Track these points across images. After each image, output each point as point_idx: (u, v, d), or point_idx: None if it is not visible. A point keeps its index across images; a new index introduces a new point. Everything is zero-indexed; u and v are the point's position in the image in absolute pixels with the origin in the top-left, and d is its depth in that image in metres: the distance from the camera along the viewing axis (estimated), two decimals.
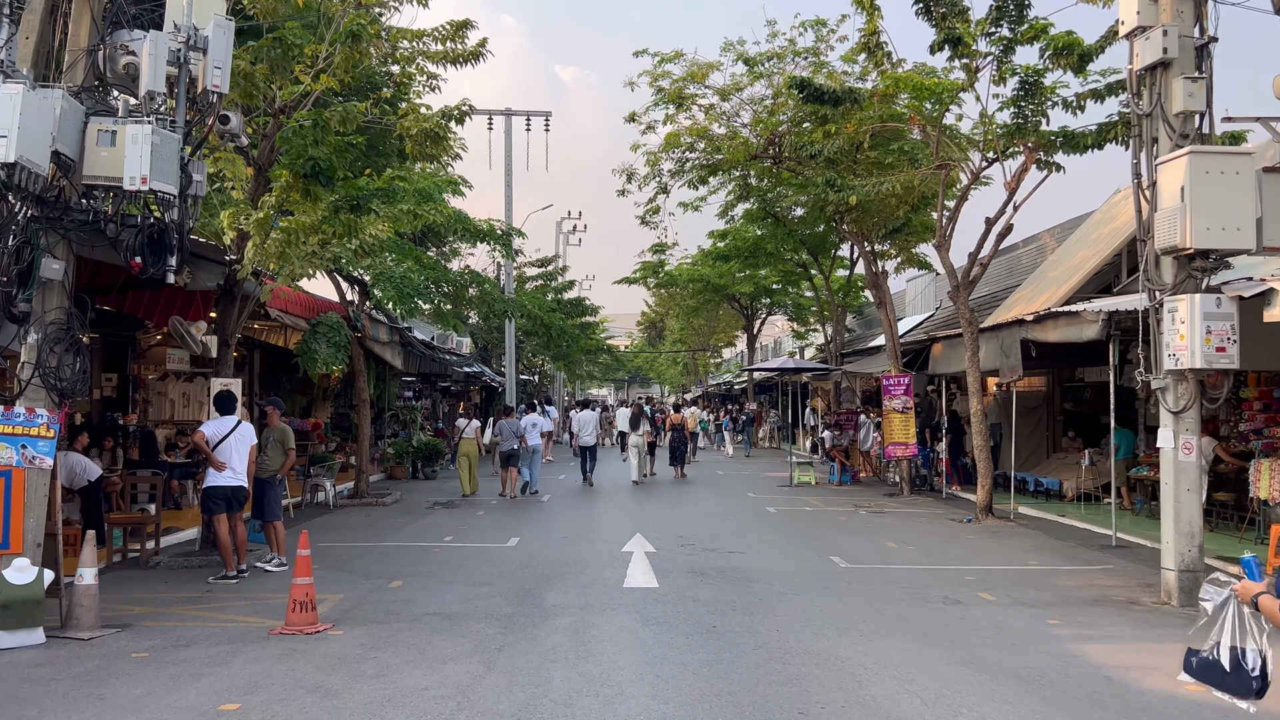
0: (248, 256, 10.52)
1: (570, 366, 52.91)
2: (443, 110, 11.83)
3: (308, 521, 15.04)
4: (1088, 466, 18.18)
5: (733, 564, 11.28)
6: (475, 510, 16.72)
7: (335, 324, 15.45)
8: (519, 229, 18.60)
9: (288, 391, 24.39)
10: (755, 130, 19.16)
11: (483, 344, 38.52)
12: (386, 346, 19.70)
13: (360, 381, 18.04)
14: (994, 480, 19.79)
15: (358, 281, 17.70)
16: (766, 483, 22.34)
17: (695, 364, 63.14)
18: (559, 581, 10.17)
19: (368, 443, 18.23)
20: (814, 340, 40.46)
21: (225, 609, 8.85)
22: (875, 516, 16.08)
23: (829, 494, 19.83)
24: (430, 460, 23.74)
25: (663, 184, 20.78)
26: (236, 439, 10.17)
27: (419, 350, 23.37)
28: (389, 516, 15.79)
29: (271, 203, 10.15)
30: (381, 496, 17.79)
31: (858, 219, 18.88)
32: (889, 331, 19.65)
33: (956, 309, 16.02)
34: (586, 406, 25.05)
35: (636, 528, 14.22)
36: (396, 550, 12.24)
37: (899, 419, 19.49)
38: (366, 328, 17.63)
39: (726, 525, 14.83)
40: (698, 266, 36.68)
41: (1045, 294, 17.57)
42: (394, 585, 9.96)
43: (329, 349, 15.08)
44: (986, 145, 15.30)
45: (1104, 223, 18.79)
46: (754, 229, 26.94)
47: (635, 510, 16.74)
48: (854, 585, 10.09)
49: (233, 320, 11.41)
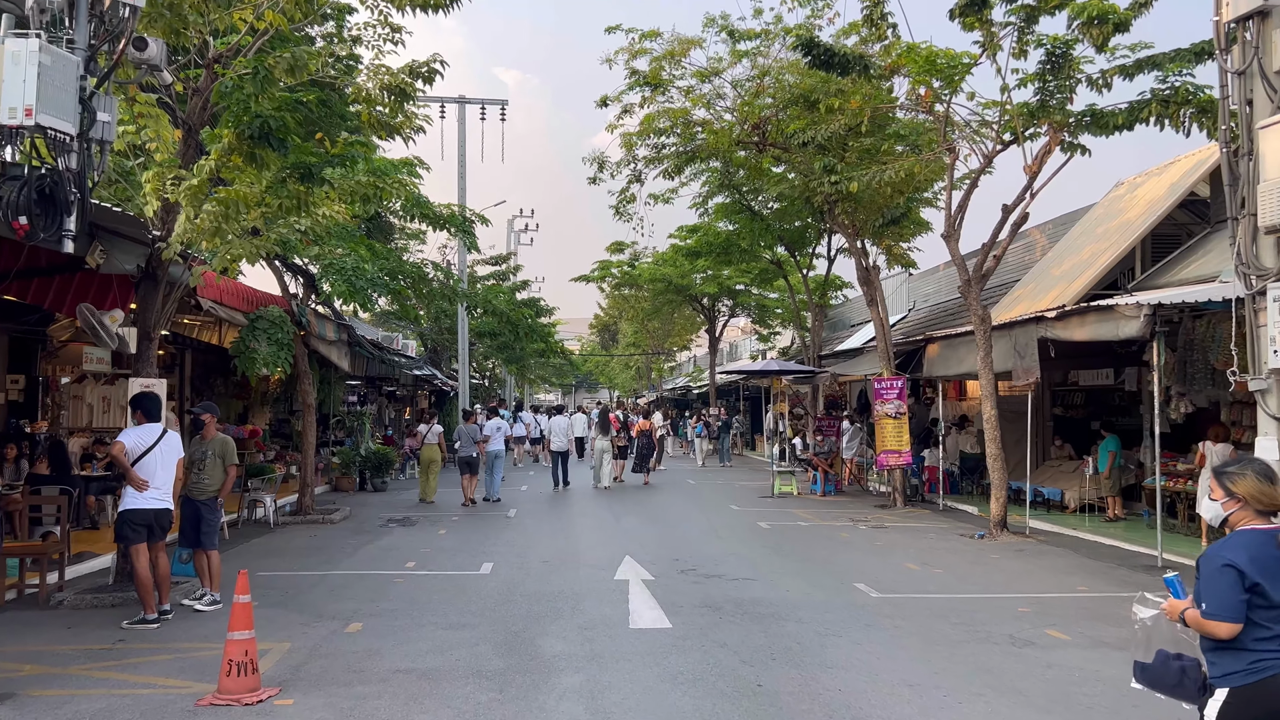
0: (176, 232, 8.72)
1: (522, 370, 51.10)
2: (409, 66, 10.10)
3: (246, 543, 13.16)
4: (1091, 475, 16.96)
5: (748, 594, 9.71)
6: (436, 528, 14.95)
7: (278, 319, 13.60)
8: (482, 215, 16.87)
9: (222, 395, 22.35)
10: (739, 114, 17.66)
11: (432, 346, 36.57)
12: (333, 346, 17.83)
13: (305, 384, 16.17)
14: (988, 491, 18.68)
15: (303, 273, 15.84)
16: (745, 493, 20.84)
17: (649, 368, 61.60)
18: (552, 622, 8.51)
19: (313, 452, 16.34)
20: (776, 343, 39.19)
21: (140, 667, 7.05)
22: (878, 532, 14.65)
23: (816, 506, 18.39)
24: (380, 470, 21.85)
25: (637, 172, 19.20)
26: (162, 452, 8.36)
27: (367, 351, 21.48)
28: (339, 537, 13.97)
29: (208, 168, 8.35)
30: (329, 513, 15.93)
31: (851, 210, 17.48)
32: (881, 330, 18.28)
33: (967, 304, 14.67)
34: (559, 413, 24.56)
35: (623, 549, 12.60)
36: (352, 581, 10.46)
37: (892, 425, 18.13)
38: (312, 324, 15.77)
39: (721, 544, 13.27)
40: (660, 266, 35.17)
41: (1053, 291, 16.32)
42: (353, 629, 8.22)
43: (270, 347, 13.23)
44: (1004, 126, 13.97)
45: (1109, 216, 17.63)
46: (727, 224, 25.44)
47: (615, 527, 15.11)
48: (898, 621, 8.59)
49: (156, 309, 9.56)
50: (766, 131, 17.81)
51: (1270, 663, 3.40)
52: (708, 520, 16.07)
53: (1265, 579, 3.42)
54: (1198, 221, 17.18)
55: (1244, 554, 3.46)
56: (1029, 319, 14.25)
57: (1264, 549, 3.48)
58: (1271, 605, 3.41)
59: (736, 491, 21.37)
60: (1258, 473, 3.63)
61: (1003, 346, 14.73)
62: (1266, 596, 3.42)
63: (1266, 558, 3.46)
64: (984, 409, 14.69)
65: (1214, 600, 3.48)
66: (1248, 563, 3.44)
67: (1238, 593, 3.42)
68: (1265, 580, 3.42)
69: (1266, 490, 3.58)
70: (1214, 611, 3.47)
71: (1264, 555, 3.46)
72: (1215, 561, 3.52)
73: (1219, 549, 3.56)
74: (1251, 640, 3.43)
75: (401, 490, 21.72)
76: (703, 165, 21.70)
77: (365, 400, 30.51)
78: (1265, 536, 3.52)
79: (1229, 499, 3.67)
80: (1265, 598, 3.42)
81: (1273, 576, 3.43)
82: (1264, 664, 3.40)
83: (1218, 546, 3.59)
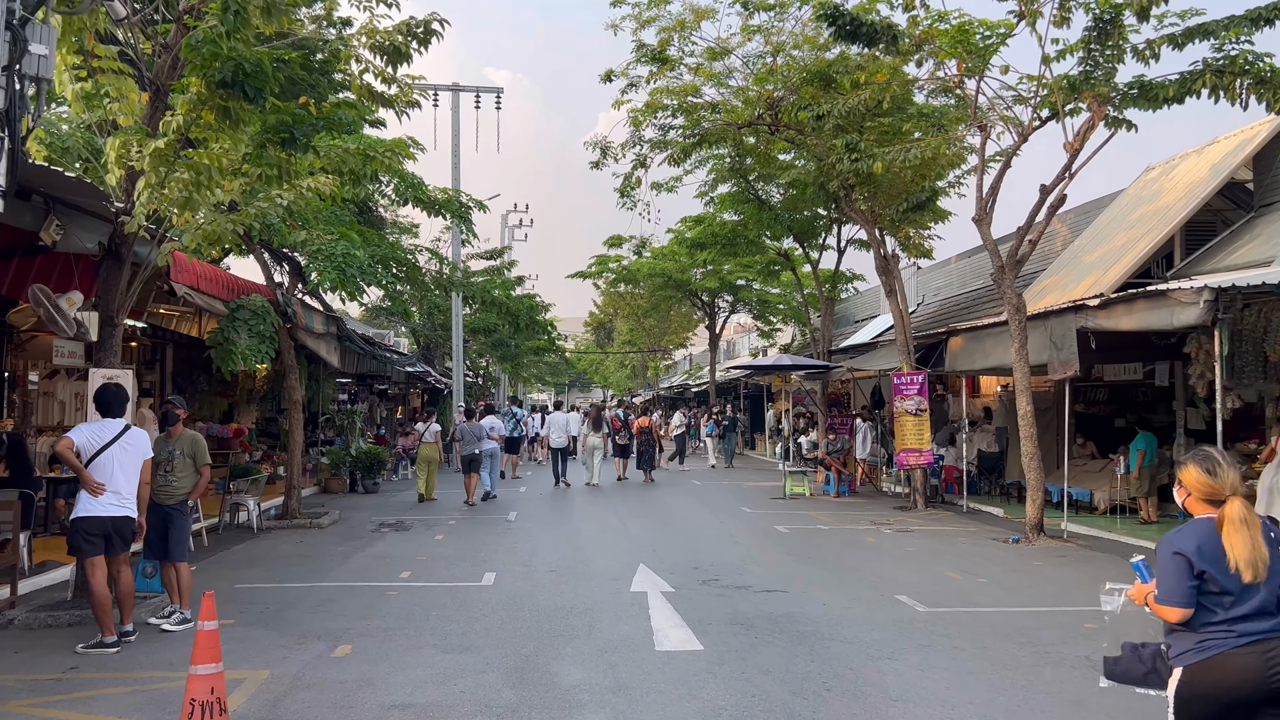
0: (139, 200, 7.70)
1: (516, 368, 50.10)
2: (405, 24, 9.10)
3: (227, 550, 12.14)
4: (1122, 475, 16.03)
5: (781, 609, 8.74)
6: (432, 533, 13.94)
7: (260, 309, 12.58)
8: (480, 201, 15.85)
9: (206, 393, 21.31)
10: (754, 87, 16.67)
11: (425, 343, 35.53)
12: (321, 340, 16.79)
13: (291, 380, 15.13)
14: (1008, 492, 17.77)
15: (289, 260, 14.83)
16: (754, 494, 19.87)
17: (645, 366, 60.62)
18: (567, 643, 7.52)
19: (300, 452, 15.31)
20: (777, 340, 38.24)
21: (92, 703, 6.04)
22: (905, 537, 13.70)
23: (832, 508, 17.43)
24: (371, 471, 20.80)
25: (642, 156, 18.19)
26: (122, 450, 7.33)
27: (358, 346, 20.43)
28: (328, 542, 12.95)
29: (175, 125, 7.33)
30: (317, 516, 14.91)
31: (871, 194, 16.51)
32: (900, 323, 17.32)
33: (1000, 291, 13.71)
34: (560, 409, 23.99)
35: (635, 556, 11.62)
36: (341, 594, 9.44)
37: (912, 422, 17.19)
38: (299, 316, 14.73)
39: (741, 551, 12.29)
40: (660, 260, 34.18)
41: (1087, 280, 15.40)
42: (341, 652, 7.22)
43: (251, 339, 12.22)
44: (1042, 101, 13.02)
45: (1142, 201, 16.72)
46: (732, 215, 24.44)
47: (624, 532, 14.12)
48: (957, 642, 7.62)
49: (120, 292, 8.53)
50: (780, 112, 16.83)
51: (1216, 642, 3.53)
52: (721, 524, 15.09)
53: (1212, 565, 3.53)
54: (1234, 208, 16.28)
55: (1193, 542, 3.58)
56: (1067, 308, 13.31)
57: (1209, 536, 3.59)
58: (1219, 591, 3.54)
59: (745, 493, 20.40)
60: (1199, 464, 3.73)
61: (1037, 338, 13.79)
62: (1215, 581, 3.54)
63: (1210, 545, 3.57)
64: (1019, 405, 13.74)
65: (1164, 586, 3.63)
66: (1195, 551, 3.56)
67: (1185, 579, 3.55)
68: (1212, 566, 3.53)
69: (1206, 481, 3.69)
70: (1163, 597, 3.62)
71: (1208, 543, 3.57)
72: (1167, 549, 3.64)
73: (1172, 537, 3.67)
74: (1201, 622, 3.56)
75: (394, 492, 20.70)
76: (709, 152, 20.73)
77: (356, 398, 29.47)
78: (1210, 524, 3.63)
79: (1180, 488, 3.81)
80: (1213, 583, 3.54)
81: (1217, 563, 3.54)
82: (1211, 643, 3.54)
83: (1172, 534, 3.69)
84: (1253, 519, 3.58)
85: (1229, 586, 3.54)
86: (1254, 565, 3.51)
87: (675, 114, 17.37)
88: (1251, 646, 3.50)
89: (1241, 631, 3.52)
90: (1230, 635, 3.53)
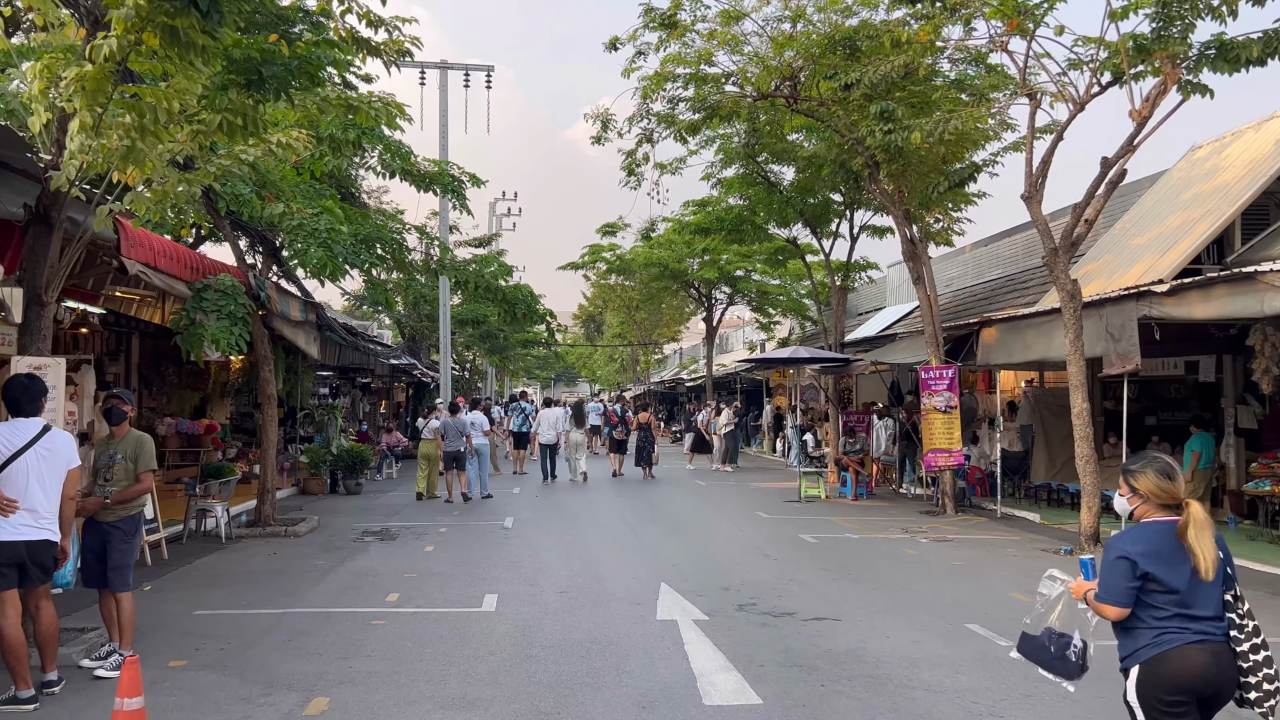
0: (70, 148, 6.26)
1: (505, 361, 48.67)
2: None
3: (189, 565, 10.69)
4: None
5: (840, 643, 7.38)
6: (421, 542, 12.52)
7: (229, 289, 11.11)
8: (474, 175, 14.40)
9: (175, 386, 19.83)
10: (772, 57, 15.27)
11: (410, 334, 34.03)
12: (299, 329, 15.31)
13: (265, 371, 13.68)
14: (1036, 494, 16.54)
15: (262, 239, 13.37)
16: (766, 497, 18.52)
17: (636, 360, 59.27)
18: (593, 693, 6.14)
19: (275, 451, 13.85)
20: (776, 333, 36.91)
21: None
22: (946, 548, 12.38)
23: (854, 512, 16.10)
24: (354, 470, 19.33)
25: (647, 131, 16.76)
26: (39, 458, 5.86)
27: (339, 336, 18.95)
28: (304, 555, 11.51)
29: (109, 50, 5.86)
30: (293, 523, 13.46)
31: (900, 171, 15.15)
32: (929, 313, 15.98)
33: (1053, 277, 12.38)
34: (550, 404, 23.04)
35: (654, 572, 10.26)
36: (317, 623, 8.02)
37: (940, 420, 15.88)
38: (274, 301, 13.25)
39: (772, 566, 10.93)
40: (655, 249, 32.76)
41: (1138, 265, 14.10)
42: (316, 709, 5.81)
43: (221, 322, 10.76)
44: (1103, 64, 11.69)
45: (1193, 181, 15.43)
46: (738, 199, 23.02)
47: (634, 542, 12.74)
48: (1061, 688, 6.25)
49: (50, 265, 7.06)
50: (799, 83, 15.44)
51: (1171, 637, 3.66)
52: (740, 531, 13.73)
53: (1160, 567, 3.66)
54: None
55: (1140, 546, 3.70)
56: (1127, 295, 11.99)
57: (1162, 539, 3.70)
58: (1169, 590, 3.66)
59: (756, 495, 19.05)
60: (1157, 470, 3.78)
61: (1090, 328, 12.48)
62: (1162, 582, 3.67)
63: (1164, 547, 3.69)
64: (1074, 402, 12.43)
65: (1104, 585, 3.77)
66: (1141, 554, 3.68)
67: (1126, 581, 3.69)
68: (1160, 568, 3.66)
69: (1165, 486, 3.76)
70: (1103, 596, 3.77)
71: (1162, 545, 3.69)
72: (1113, 552, 3.76)
73: (1118, 540, 3.80)
74: (1152, 620, 3.69)
75: (378, 493, 19.25)
76: (718, 131, 19.35)
77: (337, 392, 27.98)
78: (1166, 527, 3.73)
79: (1132, 495, 3.86)
80: (1161, 583, 3.67)
81: (1168, 564, 3.66)
82: (1165, 638, 3.66)
83: (1118, 538, 3.81)
84: (1210, 521, 3.71)
85: (1176, 586, 3.64)
86: (1214, 565, 3.63)
87: (687, 84, 15.95)
88: (1203, 645, 3.63)
89: (1196, 630, 3.63)
90: (1186, 631, 3.63)
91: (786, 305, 33.40)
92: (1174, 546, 3.66)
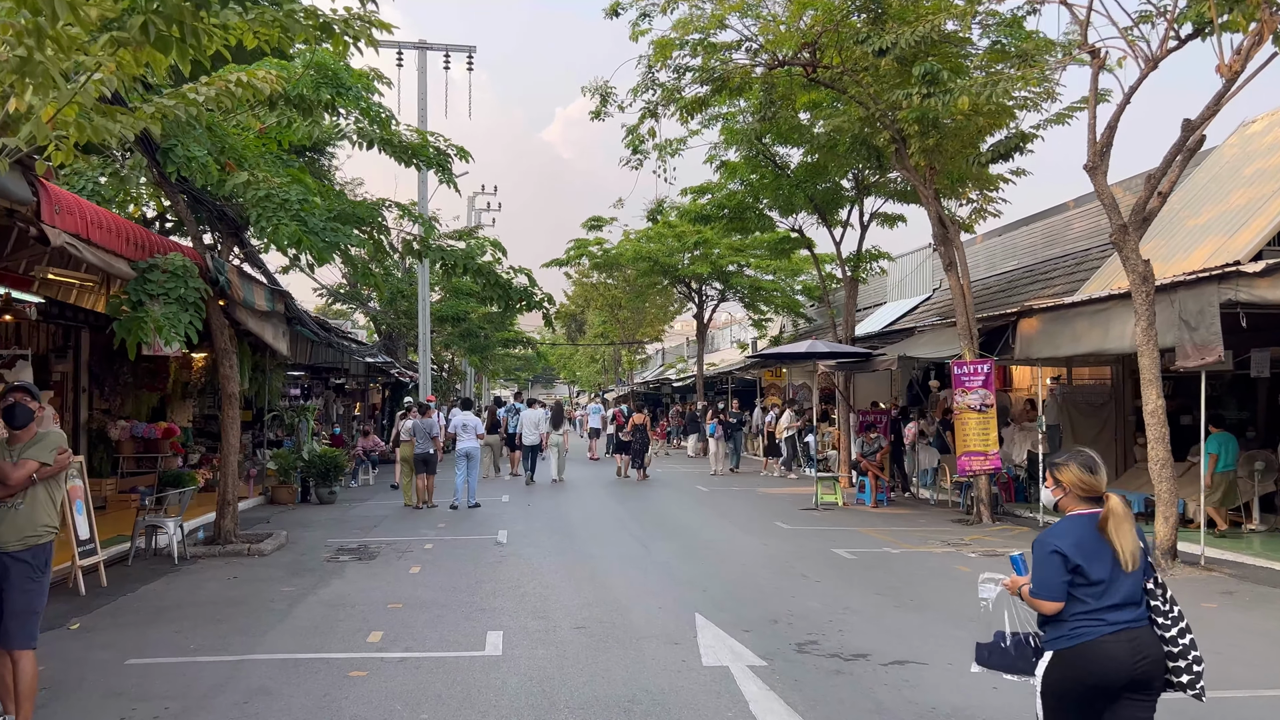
0: None
1: (484, 360, 46.99)
2: None
3: (131, 593, 9.04)
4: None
5: (943, 698, 5.90)
6: (405, 562, 10.92)
7: (180, 270, 9.47)
8: (463, 148, 12.82)
9: (130, 386, 18.03)
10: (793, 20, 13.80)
11: (387, 332, 32.33)
12: (266, 321, 13.66)
13: (225, 366, 12.03)
14: None
15: (221, 215, 11.72)
16: (777, 504, 17.03)
17: (617, 360, 57.68)
18: None
19: (236, 457, 12.18)
20: (768, 330, 35.47)
21: None
22: (1000, 565, 10.90)
23: (879, 522, 14.65)
24: (327, 477, 17.65)
25: (651, 104, 15.22)
26: None
27: (311, 332, 17.30)
28: (269, 579, 9.88)
29: None
30: (257, 539, 11.83)
31: (936, 145, 13.71)
32: (962, 302, 14.55)
33: (1123, 257, 10.95)
34: (533, 405, 22.66)
35: (681, 599, 8.73)
36: (280, 676, 6.41)
37: (975, 420, 14.44)
38: (235, 287, 11.59)
39: (814, 588, 9.42)
40: (644, 243, 31.22)
41: (1203, 247, 12.77)
42: None
43: (169, 307, 9.13)
44: (1184, 14, 10.29)
45: (1254, 157, 14.13)
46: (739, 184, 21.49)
47: (648, 559, 11.19)
48: None
49: None
50: (819, 49, 13.97)
51: (1087, 630, 3.71)
52: (763, 546, 12.22)
53: (1085, 560, 3.72)
54: None
55: (1069, 539, 3.77)
56: (1206, 277, 10.61)
57: (1086, 532, 3.78)
58: (1091, 582, 3.73)
59: (766, 502, 17.55)
60: (1080, 463, 3.88)
61: (1163, 316, 11.09)
62: (1086, 575, 3.73)
63: (1087, 540, 3.76)
64: (1147, 398, 11.00)
65: (1038, 581, 3.81)
66: (1071, 547, 3.74)
67: (1060, 575, 3.74)
68: (1085, 561, 3.72)
69: (1087, 479, 3.85)
70: (1038, 591, 3.80)
71: (1086, 538, 3.76)
72: (1045, 547, 3.80)
73: (1049, 535, 3.84)
74: (1072, 613, 3.74)
75: (354, 502, 17.60)
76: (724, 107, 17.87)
77: (309, 393, 26.26)
78: (1088, 520, 3.81)
79: (1056, 487, 3.95)
80: (1085, 576, 3.73)
81: (1092, 557, 3.73)
82: (1081, 631, 3.72)
83: (1048, 533, 3.85)
84: (1130, 512, 3.79)
85: (1099, 577, 3.73)
86: (1135, 556, 3.73)
87: (696, 50, 14.44)
88: (1120, 634, 3.69)
89: (1112, 620, 3.70)
90: (1101, 624, 3.70)
91: (781, 302, 31.95)
92: (1096, 539, 3.75)
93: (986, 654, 4.29)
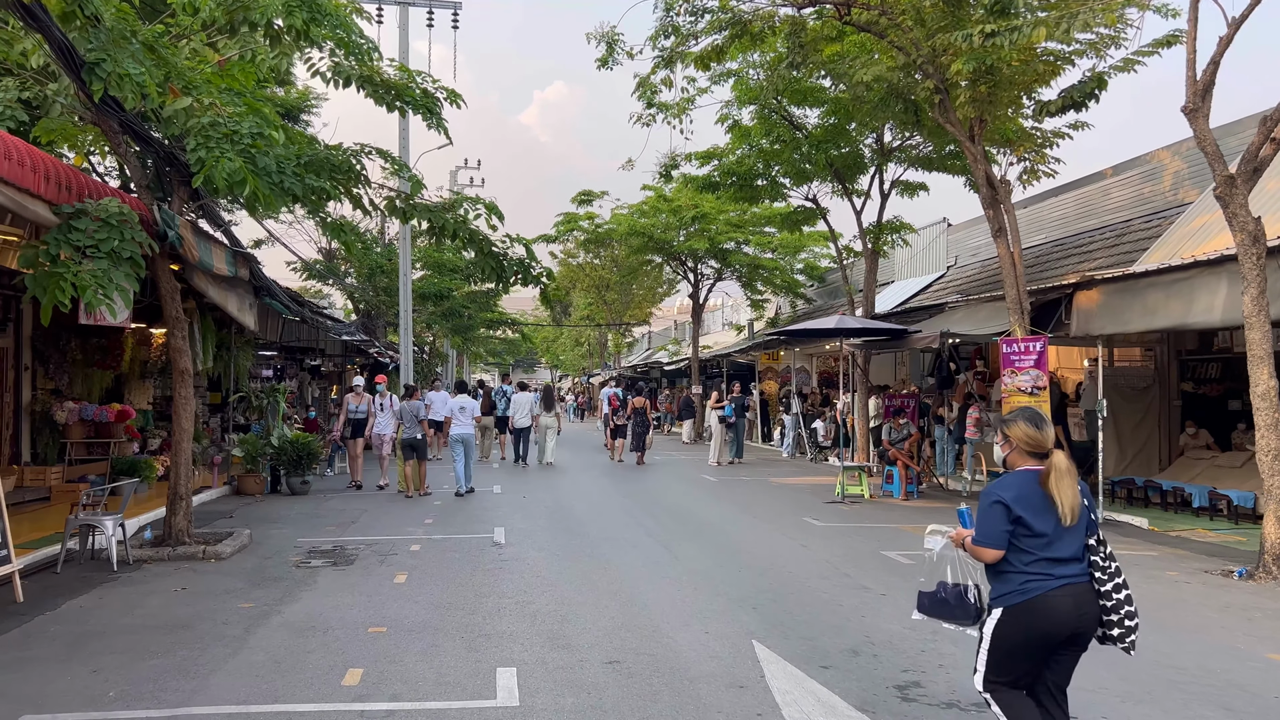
0: None
1: (467, 342, 45.23)
2: None
3: (52, 611, 7.32)
4: None
5: None
6: (388, 568, 9.26)
7: (115, 218, 7.75)
8: (454, 92, 11.11)
9: (81, 364, 16.22)
10: None
11: (366, 310, 30.53)
12: (230, 291, 11.95)
13: (176, 338, 10.28)
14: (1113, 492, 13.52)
15: (171, 157, 9.98)
16: (798, 496, 15.47)
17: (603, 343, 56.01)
18: None
19: (189, 444, 10.44)
20: (765, 312, 33.93)
21: None
22: None
23: (916, 516, 13.12)
24: (300, 466, 15.92)
25: (666, 52, 13.54)
26: None
27: (282, 304, 15.57)
28: (224, 591, 8.20)
29: None
30: (215, 539, 10.14)
31: (987, 95, 12.12)
32: (1012, 273, 12.99)
33: (1230, 213, 9.40)
34: (524, 389, 22.54)
35: (726, 618, 7.14)
36: None
37: (1026, 404, 12.88)
38: (189, 245, 9.85)
39: (883, 604, 7.84)
40: (640, 217, 29.54)
41: None
42: None
43: (98, 262, 7.41)
44: None
45: None
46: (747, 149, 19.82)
47: (674, 565, 9.57)
48: None
49: None
50: None
51: (1037, 584, 3.83)
52: (801, 547, 10.63)
53: (1028, 512, 3.85)
54: None
55: (1012, 492, 3.89)
56: None
57: (1029, 486, 3.89)
58: (1035, 534, 3.84)
59: (784, 493, 15.99)
60: (1027, 419, 4.00)
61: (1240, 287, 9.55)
62: (1029, 527, 3.85)
63: (1031, 494, 3.87)
64: (1257, 378, 9.47)
65: (981, 529, 3.94)
66: (1014, 499, 3.87)
67: (1001, 524, 3.87)
68: (1028, 513, 3.84)
69: (1033, 435, 3.96)
70: (979, 539, 3.94)
71: (1029, 492, 3.88)
72: (989, 498, 3.94)
73: (994, 487, 3.97)
74: (1020, 565, 3.86)
75: (329, 492, 15.90)
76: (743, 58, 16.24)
77: (282, 374, 24.44)
78: (1032, 475, 3.92)
79: (1005, 442, 4.08)
80: (1029, 528, 3.85)
81: (1035, 510, 3.85)
82: (1031, 584, 3.83)
83: (993, 485, 3.99)
84: (1073, 469, 3.91)
85: (1042, 530, 3.84)
86: (1075, 510, 3.83)
87: None
88: (1064, 589, 3.81)
89: (1058, 575, 3.82)
90: (1049, 579, 3.82)
91: (781, 281, 30.35)
92: (1040, 494, 3.86)
93: (927, 602, 4.38)
